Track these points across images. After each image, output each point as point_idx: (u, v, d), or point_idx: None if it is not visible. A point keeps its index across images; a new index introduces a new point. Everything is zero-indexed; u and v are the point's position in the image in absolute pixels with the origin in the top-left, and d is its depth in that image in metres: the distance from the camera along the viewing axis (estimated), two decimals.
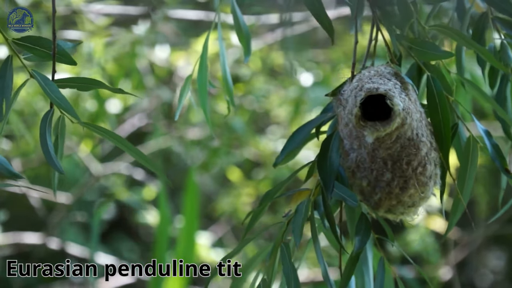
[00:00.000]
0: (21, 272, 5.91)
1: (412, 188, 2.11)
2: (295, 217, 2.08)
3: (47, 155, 1.96)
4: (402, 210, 2.15)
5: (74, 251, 5.47)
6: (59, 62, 2.02)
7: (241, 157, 5.21)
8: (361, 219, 2.09)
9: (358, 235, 2.07)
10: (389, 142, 2.08)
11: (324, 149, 2.10)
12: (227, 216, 5.74)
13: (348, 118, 2.08)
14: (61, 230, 5.68)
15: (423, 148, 2.11)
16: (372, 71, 2.10)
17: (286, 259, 2.07)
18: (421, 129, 2.11)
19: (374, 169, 2.11)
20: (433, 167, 2.13)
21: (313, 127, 2.16)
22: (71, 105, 1.99)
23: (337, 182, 2.08)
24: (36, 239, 5.41)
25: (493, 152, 2.13)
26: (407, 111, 2.05)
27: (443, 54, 2.11)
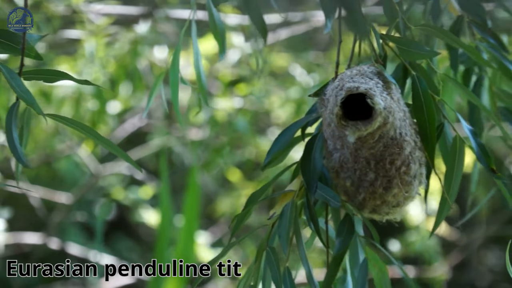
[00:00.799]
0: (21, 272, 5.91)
1: (396, 187, 2.10)
2: (281, 220, 2.07)
3: (12, 147, 1.96)
4: (387, 210, 2.13)
5: (74, 251, 5.46)
6: (26, 56, 2.04)
7: (242, 157, 5.21)
8: (345, 220, 2.09)
9: (340, 237, 2.06)
10: (372, 142, 2.07)
11: (308, 150, 2.09)
12: (227, 217, 5.74)
13: (330, 118, 2.07)
14: (61, 230, 5.68)
15: (407, 147, 2.09)
16: (354, 71, 2.09)
17: (273, 264, 2.05)
18: (405, 128, 2.09)
19: (357, 169, 2.10)
20: (417, 166, 2.12)
21: (298, 129, 2.15)
22: (35, 98, 2.00)
23: (320, 183, 2.07)
24: (36, 239, 5.41)
25: (478, 152, 2.12)
26: (388, 110, 2.04)
27: (428, 53, 2.11)
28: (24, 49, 2.04)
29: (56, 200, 5.38)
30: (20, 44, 2.03)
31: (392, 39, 2.12)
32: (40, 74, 2.07)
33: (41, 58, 2.05)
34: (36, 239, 5.41)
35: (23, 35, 2.03)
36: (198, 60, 2.38)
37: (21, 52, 2.04)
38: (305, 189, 2.06)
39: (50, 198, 5.38)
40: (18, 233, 5.44)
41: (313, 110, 2.16)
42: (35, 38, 2.06)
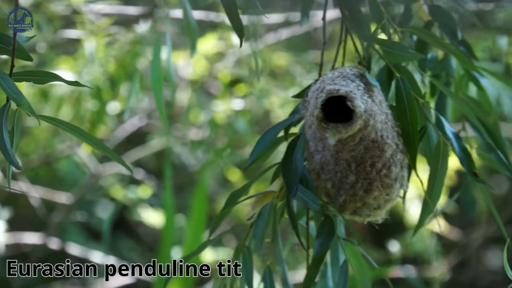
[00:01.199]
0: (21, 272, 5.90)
1: (377, 190, 2.10)
2: (258, 221, 2.08)
3: (3, 149, 1.96)
4: (367, 212, 2.14)
5: (74, 251, 5.46)
6: (17, 57, 2.04)
7: (242, 157, 5.21)
8: (325, 221, 2.09)
9: (319, 238, 2.06)
10: (352, 144, 2.07)
11: (289, 152, 2.09)
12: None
13: (311, 120, 2.07)
14: (61, 230, 5.68)
15: (388, 150, 2.09)
16: (336, 73, 2.09)
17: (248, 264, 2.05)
18: (386, 130, 2.09)
19: (338, 171, 2.10)
20: (398, 169, 2.11)
21: (281, 129, 2.16)
22: (27, 100, 2.00)
23: (301, 185, 2.07)
24: (36, 239, 5.41)
25: (461, 155, 2.12)
26: (369, 113, 2.04)
27: (412, 56, 2.11)
28: (14, 50, 2.04)
29: (56, 200, 5.38)
30: (11, 45, 2.03)
31: (376, 41, 2.12)
32: (31, 75, 2.07)
33: (31, 59, 2.05)
34: (36, 239, 5.41)
35: (14, 36, 2.03)
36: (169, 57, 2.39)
37: (12, 53, 2.04)
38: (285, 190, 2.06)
39: (50, 198, 5.38)
40: (18, 233, 5.44)
41: (296, 111, 2.17)
42: (25, 39, 2.06)
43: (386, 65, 2.15)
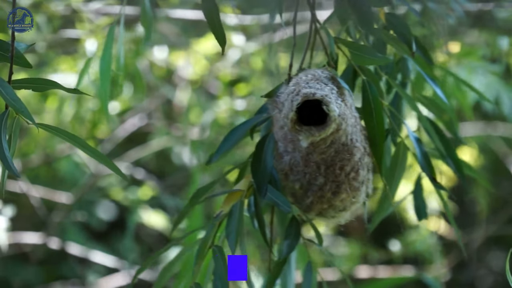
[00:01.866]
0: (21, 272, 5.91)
1: (344, 192, 2.12)
2: (230, 220, 2.07)
3: (1, 156, 1.96)
4: (333, 214, 2.15)
5: (74, 251, 5.46)
6: (15, 64, 2.05)
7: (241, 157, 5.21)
8: (292, 223, 2.09)
9: (287, 240, 2.07)
10: (324, 147, 2.08)
11: (259, 151, 2.09)
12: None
13: (283, 122, 2.08)
14: (61, 230, 5.68)
15: (357, 153, 2.11)
16: (309, 75, 2.09)
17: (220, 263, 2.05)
18: (356, 134, 2.11)
19: (307, 172, 2.11)
20: (365, 172, 2.13)
21: (248, 128, 2.16)
22: (26, 107, 2.00)
23: (270, 186, 2.07)
24: (36, 239, 5.41)
25: (422, 160, 2.14)
26: (342, 117, 2.05)
27: (380, 59, 2.12)
28: (13, 57, 2.03)
29: (56, 200, 5.38)
30: (9, 52, 2.03)
31: (345, 43, 2.13)
32: (30, 83, 2.07)
33: (30, 66, 2.05)
34: (36, 239, 5.41)
35: (12, 42, 2.03)
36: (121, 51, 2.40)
37: (10, 60, 2.04)
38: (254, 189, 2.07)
39: (50, 198, 5.38)
40: (18, 233, 5.44)
41: (262, 110, 2.17)
42: (24, 46, 2.06)
43: (351, 67, 2.16)
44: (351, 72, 2.17)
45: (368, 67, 2.14)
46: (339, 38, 2.14)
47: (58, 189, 5.48)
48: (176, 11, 4.72)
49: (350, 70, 2.18)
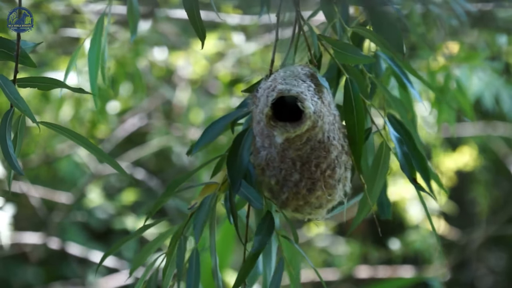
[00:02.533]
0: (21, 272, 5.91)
1: (320, 190, 2.12)
2: (199, 212, 2.08)
3: (6, 154, 1.97)
4: (309, 210, 2.15)
5: (74, 251, 5.47)
6: (20, 64, 2.05)
7: None
8: (265, 218, 2.10)
9: (259, 235, 2.07)
10: (299, 144, 2.08)
11: (235, 146, 2.10)
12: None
13: (259, 117, 2.09)
14: (61, 230, 5.68)
15: (334, 151, 2.11)
16: (288, 71, 2.10)
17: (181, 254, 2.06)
18: (333, 132, 2.11)
19: (283, 168, 2.11)
20: (342, 170, 2.14)
21: (228, 122, 2.16)
22: (28, 106, 2.00)
23: (244, 181, 2.08)
24: (36, 239, 5.41)
25: (402, 161, 2.14)
26: (318, 114, 2.05)
27: (363, 58, 2.13)
28: (18, 56, 2.04)
29: (56, 200, 5.38)
30: (15, 51, 2.04)
31: (329, 41, 2.14)
32: (35, 81, 2.08)
33: (35, 66, 2.06)
34: (36, 239, 5.41)
35: (18, 42, 2.04)
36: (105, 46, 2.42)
37: (15, 60, 2.04)
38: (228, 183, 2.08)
39: (50, 198, 5.38)
40: (18, 232, 5.45)
41: (243, 104, 2.18)
42: (30, 45, 2.07)
43: (335, 64, 2.17)
44: (335, 70, 2.19)
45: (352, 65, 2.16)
46: (323, 36, 2.15)
47: (58, 189, 5.48)
48: (176, 11, 4.72)
49: (334, 68, 2.19)
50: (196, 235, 2.05)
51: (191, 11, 2.13)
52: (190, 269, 2.07)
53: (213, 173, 2.16)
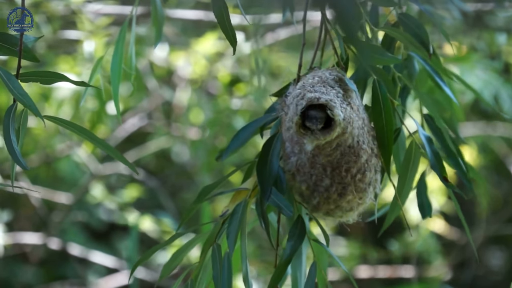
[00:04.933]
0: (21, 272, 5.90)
1: (350, 194, 2.12)
2: (231, 220, 2.08)
3: (10, 149, 1.97)
4: (340, 214, 2.16)
5: (74, 251, 5.47)
6: (23, 58, 2.05)
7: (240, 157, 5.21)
8: (297, 223, 2.09)
9: (291, 240, 2.07)
10: (329, 150, 2.09)
11: (265, 152, 2.10)
12: None
13: (289, 124, 2.09)
14: (61, 230, 5.68)
15: (363, 155, 2.11)
16: (316, 78, 2.10)
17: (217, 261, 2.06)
18: (363, 136, 2.11)
19: (313, 174, 2.12)
20: (372, 173, 2.14)
21: (257, 127, 2.16)
22: (33, 101, 2.00)
23: (274, 188, 2.08)
24: (36, 239, 5.41)
25: (433, 160, 2.13)
26: (348, 121, 2.06)
27: (390, 59, 2.12)
28: (21, 51, 2.04)
29: (56, 200, 5.38)
30: (17, 46, 2.04)
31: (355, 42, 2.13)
32: (38, 75, 2.08)
33: (37, 60, 2.06)
34: (37, 239, 5.41)
35: (21, 37, 2.03)
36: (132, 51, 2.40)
37: (19, 54, 2.04)
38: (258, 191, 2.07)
39: (50, 198, 5.38)
40: (18, 233, 5.44)
41: (272, 109, 2.18)
42: (32, 39, 2.06)
43: (362, 66, 2.16)
44: (363, 72, 2.18)
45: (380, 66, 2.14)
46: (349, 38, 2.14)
47: (58, 189, 5.48)
48: (176, 11, 4.72)
49: (361, 70, 2.19)
50: (230, 243, 2.05)
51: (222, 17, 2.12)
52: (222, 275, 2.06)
53: (244, 178, 2.16)
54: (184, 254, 2.15)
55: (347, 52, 2.16)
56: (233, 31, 2.13)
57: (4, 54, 2.04)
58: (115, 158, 2.08)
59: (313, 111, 2.05)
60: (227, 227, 2.07)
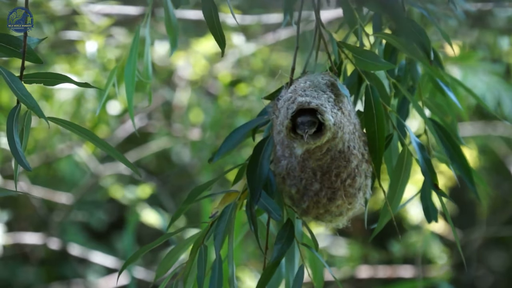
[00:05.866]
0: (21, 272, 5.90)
1: (340, 199, 2.12)
2: (219, 221, 2.08)
3: (13, 150, 1.97)
4: (329, 218, 2.16)
5: (75, 251, 5.47)
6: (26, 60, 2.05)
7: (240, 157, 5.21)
8: (285, 226, 2.09)
9: (279, 243, 2.07)
10: (319, 154, 2.09)
11: (256, 155, 2.10)
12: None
13: (280, 128, 2.09)
14: (61, 230, 5.68)
15: (354, 160, 2.11)
16: (308, 82, 2.10)
17: (202, 262, 2.06)
18: (353, 141, 2.11)
19: (303, 178, 2.12)
20: (363, 179, 2.14)
21: (249, 129, 2.17)
22: (36, 102, 2.00)
23: (264, 192, 2.08)
24: (37, 239, 5.41)
25: (424, 166, 2.13)
26: (338, 126, 2.06)
27: (384, 65, 2.12)
28: (25, 52, 2.04)
29: (56, 200, 5.38)
30: (21, 47, 2.04)
31: (348, 47, 2.13)
32: (41, 77, 2.08)
33: (41, 62, 2.06)
34: (37, 239, 5.41)
35: (24, 39, 2.03)
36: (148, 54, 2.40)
37: (22, 56, 2.04)
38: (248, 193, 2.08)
39: (51, 198, 5.38)
40: (18, 233, 5.44)
41: (264, 112, 2.18)
42: (35, 41, 2.06)
43: (356, 71, 2.16)
44: (356, 77, 2.18)
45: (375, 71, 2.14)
46: (343, 43, 2.15)
47: (58, 189, 5.48)
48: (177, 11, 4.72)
49: (355, 75, 2.18)
50: (217, 245, 2.05)
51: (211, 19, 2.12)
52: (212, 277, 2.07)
53: (234, 181, 2.16)
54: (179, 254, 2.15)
55: (340, 56, 2.16)
56: (222, 33, 2.13)
57: (7, 55, 2.04)
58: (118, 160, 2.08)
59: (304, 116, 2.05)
60: (214, 228, 2.07)
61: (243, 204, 2.14)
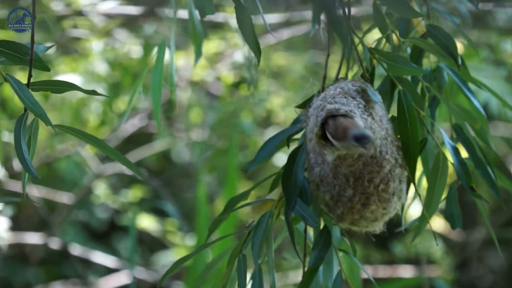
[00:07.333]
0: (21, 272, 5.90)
1: (374, 204, 2.12)
2: (256, 231, 2.09)
3: (21, 158, 1.97)
4: (365, 224, 2.16)
5: (75, 251, 5.47)
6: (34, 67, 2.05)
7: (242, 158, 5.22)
8: (322, 232, 2.10)
9: (315, 250, 2.07)
10: (351, 160, 2.09)
11: (290, 164, 2.11)
12: None
13: (310, 135, 2.10)
14: (62, 230, 5.68)
15: (386, 165, 2.11)
16: (338, 89, 2.11)
17: (242, 272, 2.06)
18: (386, 146, 2.11)
19: (336, 184, 2.12)
20: (397, 183, 2.13)
21: (283, 137, 2.18)
22: (44, 110, 2.00)
23: (299, 199, 2.09)
24: (37, 239, 5.41)
25: (459, 170, 2.13)
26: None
27: (415, 70, 2.13)
28: (32, 60, 2.04)
29: (57, 200, 5.38)
30: (28, 55, 2.03)
31: (379, 53, 2.13)
32: (48, 85, 2.08)
33: (48, 69, 2.06)
34: (37, 239, 5.41)
35: (31, 46, 2.03)
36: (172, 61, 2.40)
37: (30, 64, 2.04)
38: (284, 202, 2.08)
39: (51, 198, 5.38)
40: (19, 233, 5.44)
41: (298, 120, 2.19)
42: (42, 49, 2.06)
43: (389, 77, 2.17)
44: (389, 82, 2.18)
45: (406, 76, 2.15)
46: (374, 49, 2.16)
47: (58, 189, 5.48)
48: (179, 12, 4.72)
49: (388, 80, 2.19)
50: (255, 254, 2.06)
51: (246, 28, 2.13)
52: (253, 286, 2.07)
53: (270, 189, 2.17)
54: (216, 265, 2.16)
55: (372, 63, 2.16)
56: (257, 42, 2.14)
57: (15, 63, 2.04)
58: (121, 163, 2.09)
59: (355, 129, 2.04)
60: (251, 237, 2.08)
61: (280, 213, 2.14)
